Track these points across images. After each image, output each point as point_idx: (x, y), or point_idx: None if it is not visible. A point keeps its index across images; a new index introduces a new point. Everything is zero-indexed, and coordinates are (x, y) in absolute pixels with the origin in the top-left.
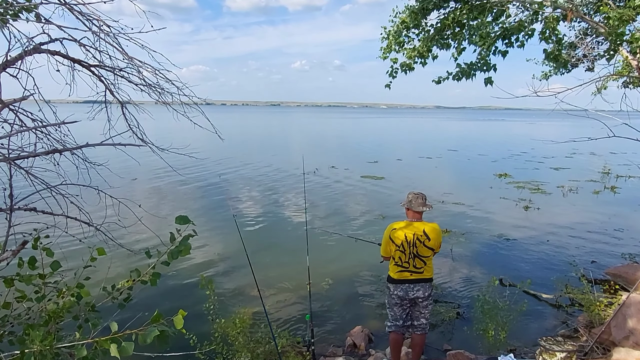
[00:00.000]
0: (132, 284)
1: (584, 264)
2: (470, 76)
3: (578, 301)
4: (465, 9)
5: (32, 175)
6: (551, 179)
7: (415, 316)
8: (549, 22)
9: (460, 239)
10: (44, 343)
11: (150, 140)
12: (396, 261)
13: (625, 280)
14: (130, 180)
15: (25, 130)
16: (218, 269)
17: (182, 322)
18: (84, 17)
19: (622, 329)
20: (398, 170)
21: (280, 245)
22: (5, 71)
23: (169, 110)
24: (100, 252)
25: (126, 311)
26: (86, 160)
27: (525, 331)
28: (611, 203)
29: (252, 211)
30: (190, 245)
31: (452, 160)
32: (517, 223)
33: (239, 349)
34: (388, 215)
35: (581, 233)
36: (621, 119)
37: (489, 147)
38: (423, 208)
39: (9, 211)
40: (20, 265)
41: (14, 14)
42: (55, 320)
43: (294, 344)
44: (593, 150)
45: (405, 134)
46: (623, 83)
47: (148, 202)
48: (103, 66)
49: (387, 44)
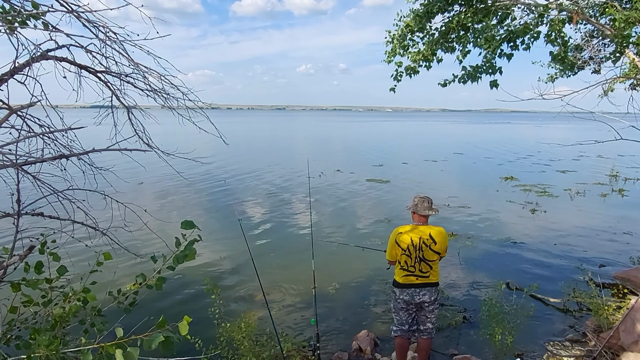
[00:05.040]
0: (137, 288)
1: (591, 267)
2: (476, 79)
3: (586, 305)
4: (470, 12)
5: (39, 181)
6: (558, 182)
7: (421, 321)
8: (554, 24)
9: (467, 242)
10: (50, 348)
11: (156, 145)
12: (402, 265)
13: (634, 284)
14: (137, 185)
15: (33, 136)
16: (223, 273)
17: (187, 329)
18: (90, 24)
19: (631, 333)
20: (403, 174)
21: (285, 249)
22: (13, 78)
23: (175, 115)
24: (107, 256)
25: (132, 315)
26: (92, 165)
27: (532, 336)
28: (619, 206)
29: (258, 215)
30: (196, 250)
31: (458, 164)
32: (524, 226)
33: (245, 353)
34: (393, 218)
35: (589, 236)
36: (628, 122)
37: (495, 150)
38: (429, 212)
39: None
40: (27, 269)
41: (22, 21)
42: (61, 325)
43: (300, 348)
44: (600, 153)
45: (410, 137)
46: (630, 85)
47: (154, 206)
48: (109, 72)
49: (392, 47)
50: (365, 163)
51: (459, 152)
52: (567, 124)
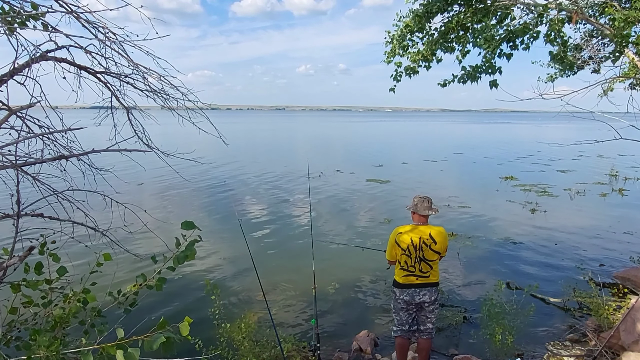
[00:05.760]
0: (138, 288)
1: (592, 267)
2: (476, 79)
3: (586, 305)
4: (469, 12)
5: (39, 182)
6: (558, 182)
7: (422, 321)
8: (554, 24)
9: (467, 242)
10: (50, 349)
11: (155, 146)
12: (402, 265)
13: (634, 283)
14: (136, 186)
15: (32, 137)
16: (223, 274)
17: (188, 329)
18: (90, 25)
19: (632, 333)
20: (403, 174)
21: (285, 249)
22: (12, 78)
23: (174, 116)
24: (106, 257)
25: (132, 316)
26: (92, 166)
27: (532, 335)
28: (619, 206)
29: (257, 216)
30: (196, 251)
31: (457, 163)
32: (524, 226)
33: (245, 354)
34: (393, 218)
35: (589, 236)
36: (628, 121)
37: (494, 149)
38: (429, 212)
39: (16, 217)
40: (27, 270)
41: (22, 22)
42: (61, 326)
43: (300, 349)
44: (600, 152)
45: (410, 137)
46: (630, 85)
47: (154, 207)
48: (109, 73)
49: (392, 48)
50: (365, 163)
51: (458, 152)
52: (566, 124)
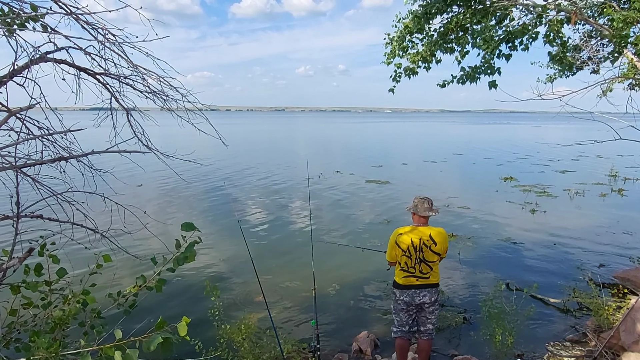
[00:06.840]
0: (137, 290)
1: (591, 267)
2: (475, 80)
3: (586, 305)
4: (469, 13)
5: (39, 183)
6: (557, 182)
7: (422, 322)
8: (553, 25)
9: (467, 243)
10: (50, 350)
11: (155, 147)
12: (402, 266)
13: (634, 284)
14: (136, 187)
15: (32, 139)
16: (223, 275)
17: (186, 329)
18: (89, 26)
19: (632, 333)
20: (403, 175)
21: (285, 250)
22: (12, 80)
23: (174, 117)
24: (106, 258)
25: (132, 317)
26: (92, 168)
27: (532, 336)
28: (619, 206)
29: (257, 217)
30: (196, 252)
31: (457, 164)
32: (524, 227)
33: (245, 355)
34: (393, 219)
35: (589, 236)
36: (627, 122)
37: (494, 150)
38: (429, 213)
39: (15, 218)
40: (26, 272)
41: (21, 23)
42: (61, 327)
43: (300, 350)
44: (599, 153)
45: (410, 138)
46: (629, 85)
47: (153, 208)
48: (108, 74)
49: (391, 49)
50: (365, 164)
51: (458, 152)
52: (566, 124)
